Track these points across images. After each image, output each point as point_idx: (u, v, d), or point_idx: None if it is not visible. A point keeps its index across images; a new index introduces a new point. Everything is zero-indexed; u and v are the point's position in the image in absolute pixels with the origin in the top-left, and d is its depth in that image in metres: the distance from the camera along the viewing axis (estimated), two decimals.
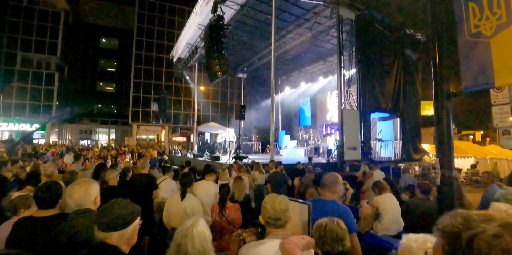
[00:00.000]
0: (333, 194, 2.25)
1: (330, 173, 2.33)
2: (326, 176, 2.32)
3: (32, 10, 26.62)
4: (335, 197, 2.25)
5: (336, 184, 2.24)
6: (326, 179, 2.29)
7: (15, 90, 26.10)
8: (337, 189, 2.24)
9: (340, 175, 6.27)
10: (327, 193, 2.26)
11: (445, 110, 3.16)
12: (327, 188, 2.26)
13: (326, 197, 2.26)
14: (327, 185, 2.26)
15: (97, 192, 1.83)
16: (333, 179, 2.26)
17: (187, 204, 3.17)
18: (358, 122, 11.05)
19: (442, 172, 3.12)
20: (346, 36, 11.36)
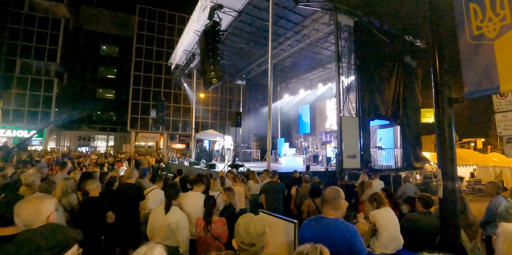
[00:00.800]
0: (337, 211, 2.00)
1: (331, 187, 2.09)
2: (328, 190, 2.07)
3: (33, 17, 26.80)
4: (338, 214, 2.00)
5: (339, 199, 2.00)
6: (328, 194, 2.04)
7: (14, 96, 26.04)
8: (340, 205, 2.00)
9: (340, 184, 5.95)
10: (329, 210, 2.01)
11: (446, 117, 2.96)
12: (329, 205, 2.00)
13: (329, 215, 2.00)
14: (329, 201, 2.01)
15: (50, 210, 1.60)
16: (335, 193, 2.02)
17: (172, 218, 2.93)
18: (358, 130, 10.84)
19: (445, 184, 2.90)
20: (345, 43, 11.27)
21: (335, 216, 2.00)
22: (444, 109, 2.96)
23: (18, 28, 26.28)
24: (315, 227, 1.99)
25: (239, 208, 5.46)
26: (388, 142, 13.76)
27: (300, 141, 18.44)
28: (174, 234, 2.87)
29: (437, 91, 2.97)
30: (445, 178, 2.91)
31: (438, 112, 3.00)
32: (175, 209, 2.98)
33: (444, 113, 2.96)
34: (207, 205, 3.00)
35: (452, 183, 2.89)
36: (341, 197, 2.02)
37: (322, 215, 2.05)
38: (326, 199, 2.03)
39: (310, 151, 15.53)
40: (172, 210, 2.96)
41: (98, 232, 3.52)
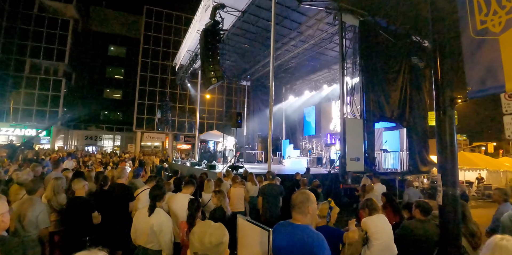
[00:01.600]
0: (305, 216, 1.85)
1: (300, 191, 1.95)
2: (296, 194, 1.93)
3: (42, 17, 27.26)
4: (307, 220, 1.85)
5: (307, 203, 1.84)
6: (295, 198, 1.90)
7: (23, 95, 26.48)
8: (309, 210, 1.84)
9: (343, 187, 5.70)
10: (297, 215, 1.87)
11: (447, 118, 2.76)
12: (297, 209, 1.87)
13: (296, 221, 1.87)
14: (296, 206, 1.87)
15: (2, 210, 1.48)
16: (304, 197, 1.86)
17: (155, 221, 2.80)
18: (362, 132, 10.60)
19: (445, 190, 2.70)
20: (349, 43, 11.06)
21: (303, 222, 1.84)
22: (445, 109, 2.76)
23: (27, 29, 26.76)
24: (283, 234, 1.86)
25: (238, 210, 5.32)
26: (394, 145, 13.44)
27: (304, 142, 18.19)
28: (157, 237, 2.74)
29: (438, 90, 2.78)
30: (445, 184, 2.71)
31: (439, 113, 2.80)
32: (159, 211, 2.85)
33: (445, 114, 2.76)
34: (191, 208, 2.86)
35: (453, 189, 2.69)
36: (310, 201, 1.85)
37: (290, 221, 1.91)
38: (293, 203, 1.89)
39: (314, 153, 15.29)
40: (156, 212, 2.83)
41: (82, 232, 3.42)
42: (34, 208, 3.04)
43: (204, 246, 1.21)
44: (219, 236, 1.25)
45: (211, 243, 1.22)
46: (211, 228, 1.27)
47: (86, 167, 15.31)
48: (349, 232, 2.45)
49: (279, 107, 21.52)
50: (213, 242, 1.22)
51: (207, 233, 1.24)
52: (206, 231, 1.25)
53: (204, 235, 1.23)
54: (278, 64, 16.84)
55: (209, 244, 1.22)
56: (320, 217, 2.71)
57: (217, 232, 1.26)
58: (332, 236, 2.55)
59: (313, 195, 1.91)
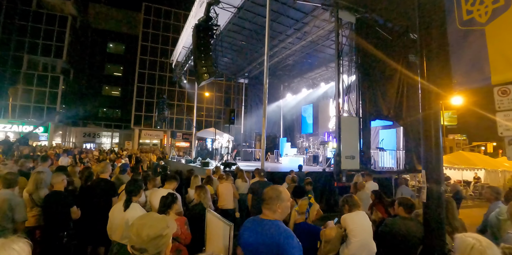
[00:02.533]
0: (274, 212, 1.77)
1: (272, 187, 1.86)
2: (266, 189, 1.85)
3: (40, 14, 27.12)
4: (276, 216, 1.77)
5: (276, 201, 1.75)
6: (266, 193, 1.82)
7: (21, 92, 26.40)
8: (277, 207, 1.75)
9: (337, 185, 5.57)
10: (266, 211, 1.80)
11: (433, 113, 2.66)
12: (265, 205, 1.80)
13: (266, 217, 1.79)
14: (265, 201, 1.80)
15: None
16: (273, 194, 1.78)
17: (130, 215, 2.72)
18: (357, 130, 10.50)
19: (429, 187, 2.61)
20: (346, 40, 10.94)
21: (272, 218, 1.77)
22: (430, 104, 2.67)
23: (25, 25, 26.64)
24: (251, 230, 1.79)
25: (228, 208, 5.25)
26: (390, 143, 13.35)
27: (301, 140, 18.11)
28: None
29: (423, 84, 2.68)
30: (429, 181, 2.62)
31: (424, 107, 2.71)
32: (135, 206, 2.77)
33: (430, 108, 2.67)
34: (164, 202, 2.78)
35: (437, 186, 2.60)
36: (280, 199, 1.76)
37: (260, 216, 1.83)
38: (263, 198, 1.82)
39: (311, 151, 15.21)
40: (132, 207, 2.75)
41: (60, 227, 3.34)
42: (9, 202, 2.97)
43: (141, 239, 1.13)
44: (159, 228, 1.16)
45: (148, 236, 1.13)
46: (151, 220, 1.19)
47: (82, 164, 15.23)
48: (326, 229, 2.37)
49: (276, 105, 21.41)
50: (150, 235, 1.13)
51: (145, 226, 1.15)
52: (145, 224, 1.16)
53: (143, 227, 1.15)
54: (275, 61, 16.74)
55: (146, 237, 1.13)
56: (299, 213, 2.63)
57: (157, 224, 1.17)
58: (309, 233, 2.47)
59: (286, 193, 1.82)
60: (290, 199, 1.85)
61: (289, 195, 1.84)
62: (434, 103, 2.67)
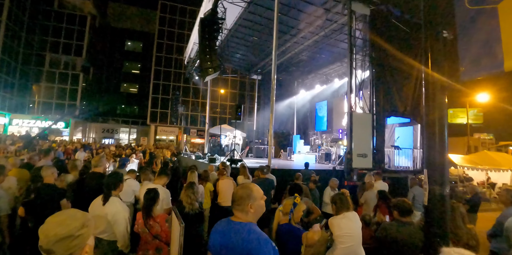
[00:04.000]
0: (246, 214, 1.58)
1: (241, 185, 1.68)
2: (237, 188, 1.67)
3: (62, 14, 28.07)
4: (249, 218, 1.59)
5: (247, 200, 1.57)
6: (235, 193, 1.64)
7: (43, 89, 27.50)
8: (249, 207, 1.57)
9: (347, 184, 5.23)
10: (237, 212, 1.61)
11: (437, 106, 2.38)
12: (236, 206, 1.61)
13: (237, 219, 1.60)
14: (235, 202, 1.61)
15: None
16: (243, 193, 1.60)
17: (109, 210, 2.64)
18: (370, 127, 10.07)
19: (431, 188, 2.33)
20: (359, 34, 10.49)
21: (243, 219, 1.58)
22: (435, 96, 2.38)
23: (48, 25, 27.63)
24: (218, 232, 1.62)
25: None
26: (407, 141, 12.74)
27: (314, 138, 17.74)
28: (112, 227, 2.57)
29: (427, 74, 2.40)
30: (431, 182, 2.35)
31: (428, 100, 2.42)
32: (114, 200, 2.67)
33: (434, 101, 2.38)
34: (146, 198, 2.67)
35: (440, 188, 2.32)
36: (252, 198, 1.58)
37: (230, 218, 1.64)
38: (233, 199, 1.63)
39: (323, 149, 14.83)
40: (111, 201, 2.65)
41: None
42: None
43: (47, 238, 0.97)
44: (70, 228, 1.01)
45: (56, 235, 0.97)
46: (61, 218, 1.04)
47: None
48: (308, 232, 2.15)
49: (290, 101, 21.09)
50: (58, 235, 0.98)
51: (55, 224, 1.00)
52: (56, 222, 1.01)
53: (51, 226, 1.00)
54: (288, 57, 16.42)
55: (54, 237, 0.97)
56: (283, 214, 2.43)
57: (69, 223, 1.02)
58: (291, 235, 2.28)
59: (258, 191, 1.63)
60: (263, 197, 1.65)
61: (261, 193, 1.65)
62: (438, 95, 2.38)
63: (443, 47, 2.33)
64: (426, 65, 2.42)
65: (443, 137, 2.38)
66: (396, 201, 2.56)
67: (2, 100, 24.70)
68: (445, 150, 2.38)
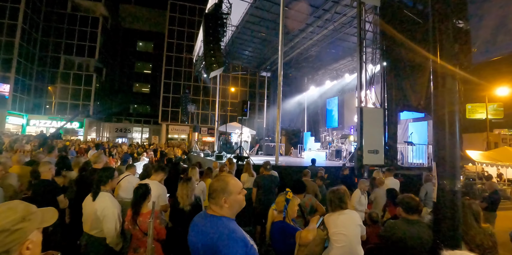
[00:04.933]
0: (220, 208, 1.47)
1: (217, 178, 1.56)
2: (212, 181, 1.56)
3: (75, 16, 28.70)
4: (224, 212, 1.47)
5: (222, 195, 1.47)
6: (211, 185, 1.53)
7: (58, 90, 28.24)
8: (222, 202, 1.46)
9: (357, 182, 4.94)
10: (212, 206, 1.51)
11: (447, 92, 2.16)
12: (211, 199, 1.51)
13: (212, 212, 1.50)
14: (210, 195, 1.51)
15: None
16: (218, 186, 1.49)
17: (98, 206, 2.56)
18: (382, 122, 9.73)
19: (441, 183, 2.12)
20: (370, 26, 10.13)
21: (218, 213, 1.48)
22: (444, 80, 2.16)
23: (62, 27, 28.32)
24: (194, 226, 1.52)
25: None
26: (421, 137, 12.29)
27: (324, 135, 17.41)
28: (101, 223, 2.49)
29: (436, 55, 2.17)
30: (441, 176, 2.13)
31: (436, 85, 2.20)
32: (104, 195, 2.59)
33: (444, 86, 2.16)
34: (135, 193, 2.57)
35: (451, 182, 2.10)
36: (227, 192, 1.47)
37: (206, 211, 1.54)
38: (209, 192, 1.52)
39: (334, 146, 14.52)
40: (101, 196, 2.57)
41: None
42: None
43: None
44: (6, 221, 0.92)
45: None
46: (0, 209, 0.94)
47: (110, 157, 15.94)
48: (302, 231, 1.98)
49: (300, 98, 20.81)
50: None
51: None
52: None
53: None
54: (297, 53, 16.16)
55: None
56: (277, 212, 2.27)
57: (4, 215, 0.93)
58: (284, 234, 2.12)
59: (234, 184, 1.51)
60: (241, 191, 1.53)
61: (239, 187, 1.52)
62: (449, 81, 2.15)
63: (454, 36, 2.10)
64: (434, 54, 2.20)
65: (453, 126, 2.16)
66: (401, 197, 2.34)
67: (20, 101, 25.53)
68: (455, 141, 2.15)
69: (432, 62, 2.22)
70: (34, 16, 26.15)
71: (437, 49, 2.20)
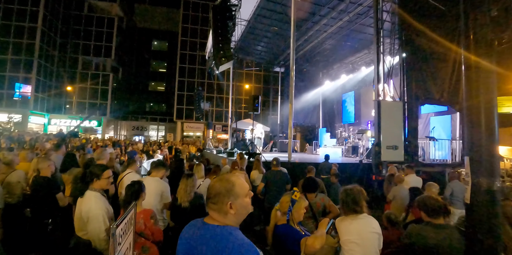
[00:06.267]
0: (224, 215, 1.19)
1: (219, 178, 1.26)
2: (213, 182, 1.26)
3: (91, 17, 29.37)
4: (228, 220, 1.19)
5: (226, 198, 1.18)
6: (211, 187, 1.24)
7: (77, 90, 29.05)
8: (228, 207, 1.18)
9: (375, 179, 4.57)
10: (212, 212, 1.22)
11: (482, 72, 1.80)
12: (211, 205, 1.22)
13: (212, 221, 1.21)
14: (210, 199, 1.22)
15: None
16: (221, 187, 1.20)
17: (84, 206, 2.37)
18: (401, 116, 9.19)
19: (475, 181, 1.78)
20: (387, 15, 9.58)
21: (221, 223, 1.19)
22: (479, 57, 1.80)
23: (79, 29, 29.05)
24: (186, 236, 1.23)
25: None
26: (445, 132, 11.59)
27: (340, 130, 16.90)
28: (85, 225, 2.31)
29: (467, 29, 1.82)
30: (476, 172, 1.79)
31: (468, 64, 1.85)
32: (91, 195, 2.40)
33: (479, 67, 1.81)
34: (127, 192, 2.38)
35: (489, 180, 1.76)
36: (233, 195, 1.19)
37: (204, 219, 1.24)
38: (208, 196, 1.23)
39: (350, 142, 14.03)
40: (86, 196, 2.39)
41: (45, 214, 3.17)
42: None
43: None
44: None
45: None
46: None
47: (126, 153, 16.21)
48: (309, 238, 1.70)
49: (315, 93, 20.31)
50: None
51: None
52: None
53: None
54: (311, 47, 15.70)
55: None
56: (281, 213, 2.00)
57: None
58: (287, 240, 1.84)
59: (241, 185, 1.22)
60: (249, 193, 1.25)
61: (247, 188, 1.24)
62: (484, 58, 1.80)
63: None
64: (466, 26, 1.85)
65: (491, 114, 1.81)
66: (422, 199, 2.00)
67: (41, 101, 26.44)
68: (493, 132, 1.80)
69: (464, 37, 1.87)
70: (53, 19, 26.92)
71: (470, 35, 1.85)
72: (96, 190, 2.38)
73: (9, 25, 24.82)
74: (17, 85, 24.93)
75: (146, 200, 3.09)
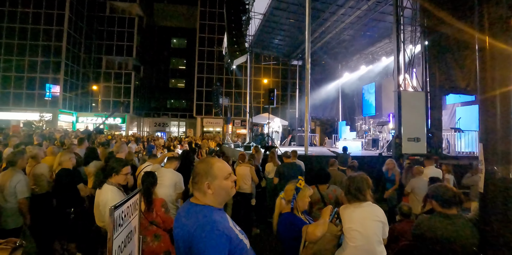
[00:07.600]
0: (203, 194, 1.28)
1: (202, 159, 1.37)
2: (195, 164, 1.39)
3: (113, 18, 30.36)
4: (207, 200, 1.27)
5: (204, 178, 1.27)
6: (195, 167, 1.36)
7: (102, 88, 30.28)
8: (205, 187, 1.26)
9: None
10: (195, 192, 1.32)
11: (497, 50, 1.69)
12: (193, 184, 1.33)
13: (195, 200, 1.31)
14: (193, 179, 1.32)
15: None
16: (201, 168, 1.29)
17: (101, 200, 2.49)
18: (423, 107, 8.83)
19: (489, 169, 1.68)
20: (407, 2, 9.17)
21: (202, 202, 1.28)
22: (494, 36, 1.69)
23: (102, 30, 30.14)
24: (178, 216, 1.33)
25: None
26: (472, 123, 10.98)
27: (360, 123, 16.49)
28: (103, 217, 2.43)
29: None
30: (491, 159, 1.69)
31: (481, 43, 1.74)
32: (107, 188, 2.51)
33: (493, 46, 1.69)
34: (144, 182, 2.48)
35: (505, 168, 1.65)
36: (210, 176, 1.27)
37: (190, 199, 1.35)
38: (191, 176, 1.39)
39: (370, 134, 13.67)
40: (104, 189, 2.50)
41: (67, 203, 3.38)
42: (12, 179, 3.08)
43: None
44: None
45: None
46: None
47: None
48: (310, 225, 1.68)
49: (334, 85, 19.93)
50: None
51: None
52: None
53: None
54: (329, 38, 15.32)
55: None
56: (285, 201, 2.00)
57: None
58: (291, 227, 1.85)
59: (220, 168, 1.30)
60: (229, 176, 1.31)
61: (226, 171, 1.31)
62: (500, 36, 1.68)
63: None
64: (481, 30, 1.73)
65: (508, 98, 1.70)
66: (434, 187, 1.92)
67: (69, 100, 27.84)
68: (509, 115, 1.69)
69: (478, 45, 1.76)
70: (77, 21, 28.09)
71: (484, 18, 1.73)
72: (113, 184, 2.48)
73: (38, 29, 26.18)
74: (48, 86, 26.38)
75: (162, 190, 3.22)
